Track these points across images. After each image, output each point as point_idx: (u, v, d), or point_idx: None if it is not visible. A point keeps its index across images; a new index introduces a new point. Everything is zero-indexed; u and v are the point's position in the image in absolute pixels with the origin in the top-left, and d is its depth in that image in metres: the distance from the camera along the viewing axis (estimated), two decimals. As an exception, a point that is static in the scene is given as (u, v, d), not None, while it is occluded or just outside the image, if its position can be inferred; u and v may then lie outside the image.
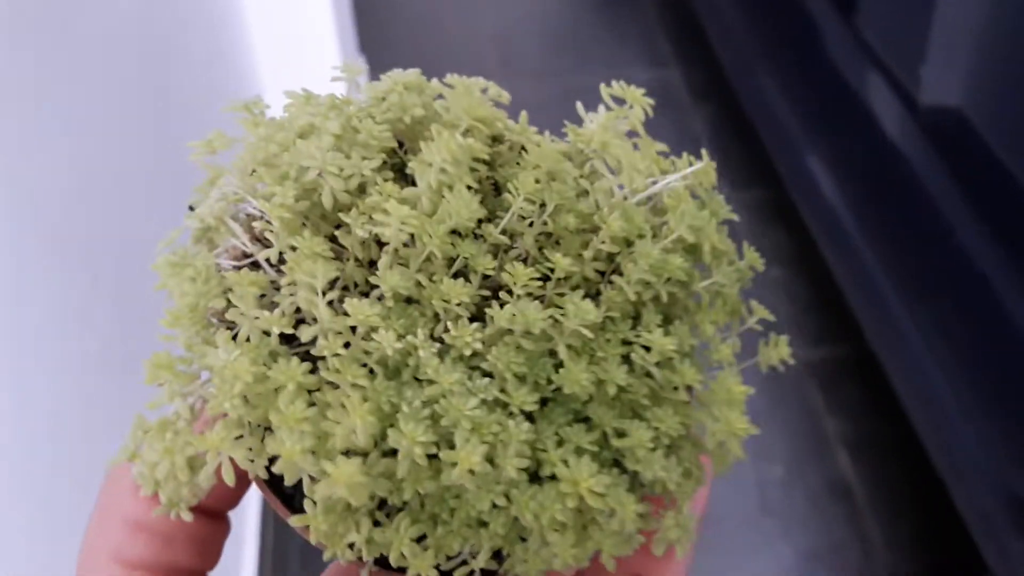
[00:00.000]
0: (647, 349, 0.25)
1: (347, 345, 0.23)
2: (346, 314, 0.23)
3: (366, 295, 0.25)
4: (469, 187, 0.25)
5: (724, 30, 1.51)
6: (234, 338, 0.24)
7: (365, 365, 0.23)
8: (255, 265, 0.27)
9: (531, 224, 0.26)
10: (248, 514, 0.89)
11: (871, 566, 1.04)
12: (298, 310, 0.25)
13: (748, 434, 0.25)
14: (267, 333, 0.24)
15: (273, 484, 0.25)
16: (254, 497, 0.85)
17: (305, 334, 0.23)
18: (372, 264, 0.26)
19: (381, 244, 0.26)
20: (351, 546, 0.23)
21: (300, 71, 1.01)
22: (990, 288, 0.84)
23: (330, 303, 0.24)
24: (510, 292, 0.25)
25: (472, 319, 0.24)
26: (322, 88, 0.27)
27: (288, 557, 0.97)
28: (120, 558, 0.26)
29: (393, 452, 0.22)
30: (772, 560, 1.04)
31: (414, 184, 0.26)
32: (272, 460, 0.23)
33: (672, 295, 0.27)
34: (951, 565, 1.05)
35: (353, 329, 0.24)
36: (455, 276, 0.25)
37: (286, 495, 0.26)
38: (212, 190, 0.27)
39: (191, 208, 0.27)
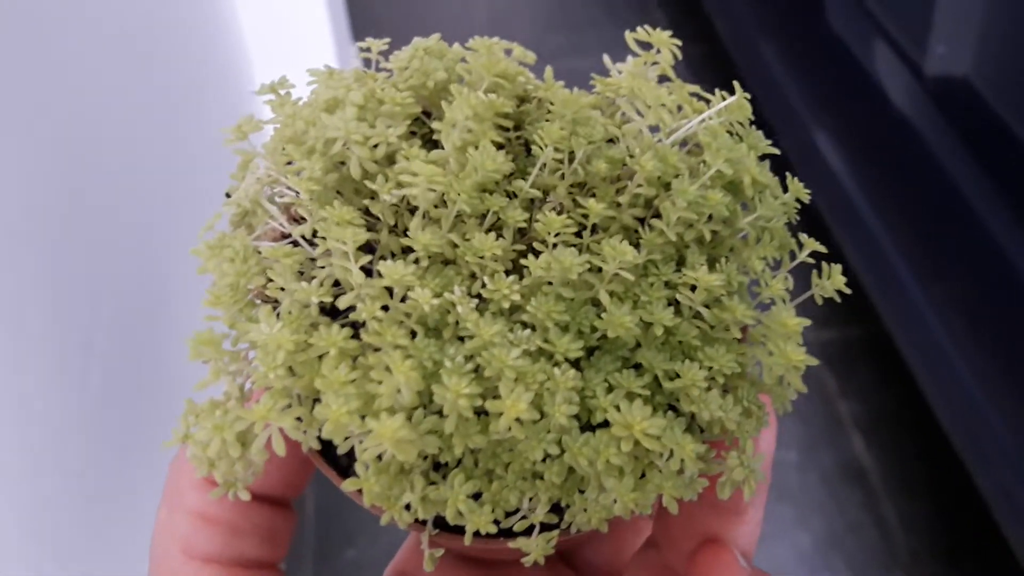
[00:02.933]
0: (693, 289, 0.24)
1: (386, 309, 0.23)
2: (381, 277, 0.23)
3: (403, 262, 0.25)
4: (495, 144, 0.25)
5: (722, 2, 1.47)
6: (276, 314, 0.24)
7: (405, 325, 0.23)
8: (294, 245, 0.27)
9: (562, 176, 0.26)
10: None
11: (889, 548, 1.02)
12: (336, 284, 0.25)
13: (807, 365, 0.24)
14: (307, 306, 0.24)
15: (328, 458, 0.25)
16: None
17: (344, 300, 0.23)
18: (407, 233, 0.26)
19: (413, 211, 0.25)
20: (407, 508, 0.23)
21: (294, 61, 1.00)
22: (1007, 262, 0.81)
23: (368, 272, 0.24)
24: (545, 244, 0.24)
25: (509, 275, 0.24)
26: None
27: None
28: (190, 552, 0.26)
29: (440, 410, 0.22)
30: (789, 547, 1.02)
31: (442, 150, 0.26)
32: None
33: (716, 234, 0.26)
34: (969, 544, 1.02)
35: (391, 293, 0.23)
36: (488, 233, 0.24)
37: (341, 468, 0.25)
38: (246, 174, 0.27)
39: (227, 195, 0.28)
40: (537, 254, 0.24)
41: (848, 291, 0.26)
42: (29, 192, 0.42)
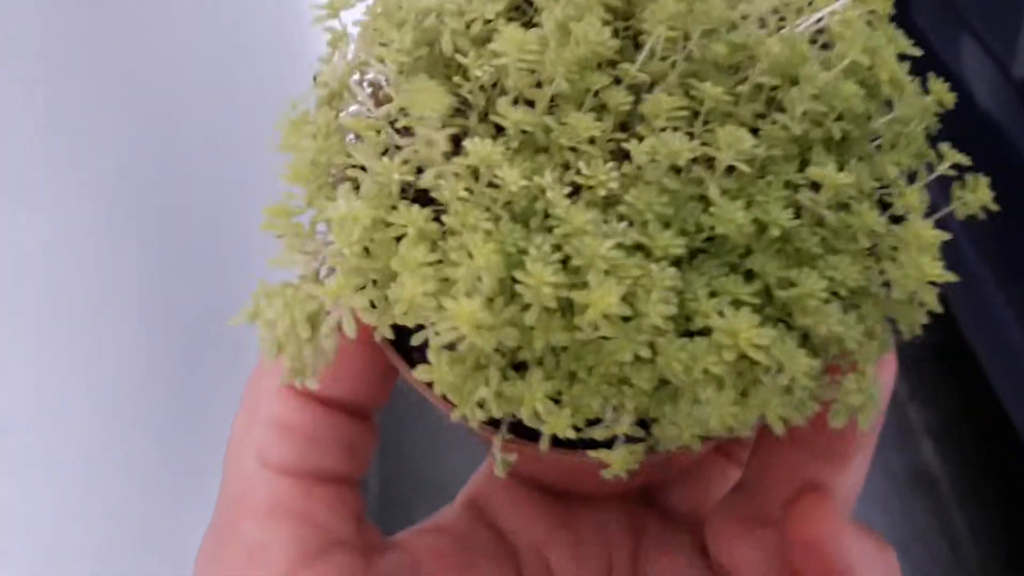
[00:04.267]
0: (817, 190, 0.21)
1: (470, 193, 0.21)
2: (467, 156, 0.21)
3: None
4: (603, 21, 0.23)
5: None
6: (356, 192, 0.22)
7: (490, 211, 0.21)
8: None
9: (674, 64, 0.23)
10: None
11: (956, 557, 0.98)
12: (419, 171, 0.23)
13: (945, 281, 0.21)
14: (388, 186, 0.22)
15: (400, 351, 0.24)
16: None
17: (426, 176, 0.21)
18: (499, 121, 0.24)
19: (505, 93, 0.23)
20: (480, 406, 0.21)
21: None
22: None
23: (455, 153, 0.22)
24: (651, 129, 0.22)
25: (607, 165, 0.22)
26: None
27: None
28: (266, 461, 0.25)
29: (522, 305, 0.20)
30: (854, 553, 0.98)
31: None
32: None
33: (846, 133, 0.23)
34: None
35: (476, 176, 0.21)
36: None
37: (413, 364, 0.24)
38: (334, 55, 0.26)
39: (315, 79, 0.26)
40: (639, 136, 0.21)
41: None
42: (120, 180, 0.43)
